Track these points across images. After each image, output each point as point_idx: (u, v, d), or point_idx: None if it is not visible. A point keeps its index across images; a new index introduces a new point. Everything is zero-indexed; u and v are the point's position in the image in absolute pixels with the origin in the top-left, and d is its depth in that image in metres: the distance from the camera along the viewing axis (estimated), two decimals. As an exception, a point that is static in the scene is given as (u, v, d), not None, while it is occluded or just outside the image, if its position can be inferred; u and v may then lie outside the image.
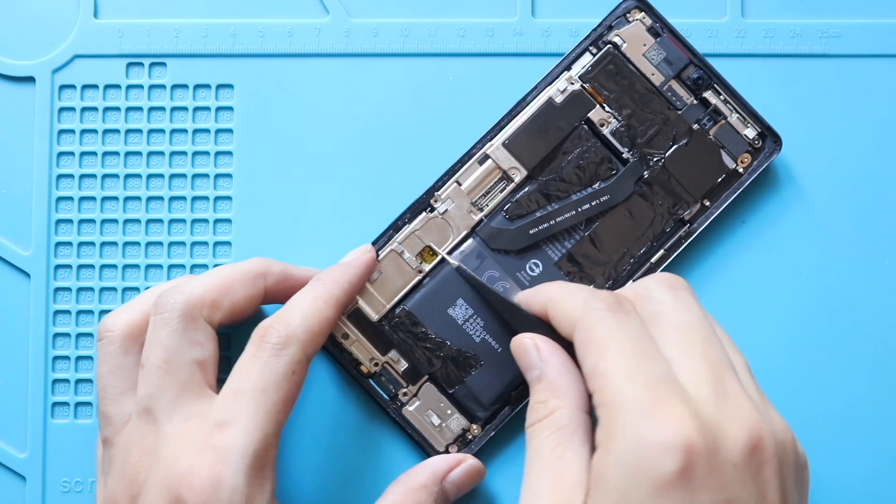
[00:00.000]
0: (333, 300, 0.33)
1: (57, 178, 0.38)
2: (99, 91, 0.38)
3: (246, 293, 0.33)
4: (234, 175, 0.38)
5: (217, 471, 0.29)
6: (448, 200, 0.37)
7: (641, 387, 0.27)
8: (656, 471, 0.26)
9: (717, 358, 0.28)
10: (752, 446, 0.27)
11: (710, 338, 0.29)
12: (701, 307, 0.30)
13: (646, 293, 0.30)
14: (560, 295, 0.31)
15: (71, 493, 0.37)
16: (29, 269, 0.38)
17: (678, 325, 0.29)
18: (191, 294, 0.33)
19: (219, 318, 0.33)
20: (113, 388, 0.33)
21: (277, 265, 0.35)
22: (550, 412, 0.29)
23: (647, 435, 0.26)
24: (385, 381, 0.37)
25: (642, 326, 0.29)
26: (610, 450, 0.27)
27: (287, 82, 0.38)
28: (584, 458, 0.28)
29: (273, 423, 0.31)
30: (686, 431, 0.26)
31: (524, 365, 0.31)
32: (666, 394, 0.27)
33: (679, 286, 0.31)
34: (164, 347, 0.32)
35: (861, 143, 0.38)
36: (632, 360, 0.28)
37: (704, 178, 0.37)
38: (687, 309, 0.30)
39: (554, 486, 0.28)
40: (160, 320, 0.32)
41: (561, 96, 0.37)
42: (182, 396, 0.31)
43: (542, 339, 0.31)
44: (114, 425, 0.32)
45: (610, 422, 0.27)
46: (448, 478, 0.34)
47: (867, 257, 0.38)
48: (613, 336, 0.29)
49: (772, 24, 0.39)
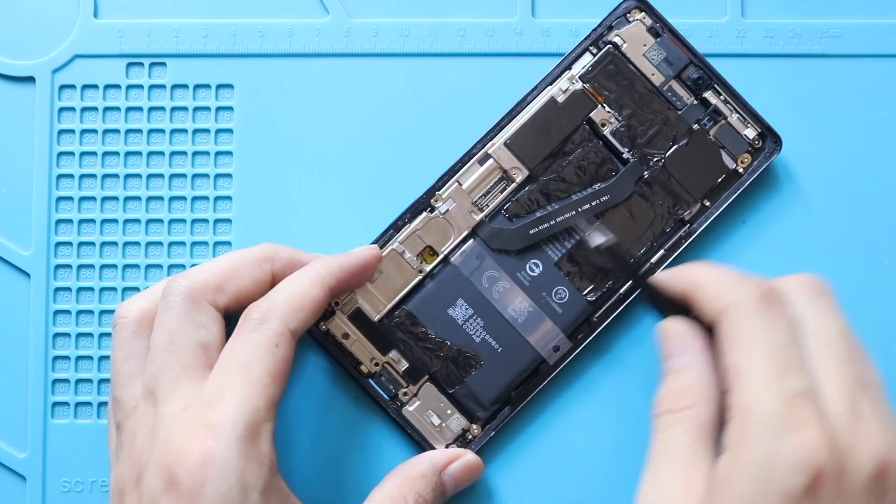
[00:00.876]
0: (320, 279, 0.33)
1: (57, 178, 0.38)
2: (99, 91, 0.38)
3: (252, 277, 0.34)
4: (234, 175, 0.38)
5: (208, 447, 0.29)
6: (449, 200, 0.37)
7: (780, 399, 0.27)
8: (784, 486, 0.27)
9: (855, 376, 0.29)
10: (880, 472, 0.27)
11: (849, 353, 0.29)
12: (842, 318, 0.30)
13: (789, 294, 0.30)
14: (707, 279, 0.31)
15: (71, 493, 0.37)
16: (29, 269, 0.38)
17: (819, 336, 0.29)
18: (195, 278, 0.33)
19: (224, 301, 0.33)
20: (125, 372, 0.33)
21: (286, 250, 0.35)
22: (689, 406, 0.30)
23: (779, 450, 0.27)
24: (385, 381, 0.37)
25: (789, 329, 0.29)
26: (741, 457, 0.27)
27: (287, 82, 0.38)
28: (711, 459, 0.29)
29: (262, 397, 0.31)
30: (818, 452, 0.27)
31: (670, 351, 0.31)
32: (802, 411, 0.27)
33: (823, 292, 0.31)
34: (167, 329, 0.32)
35: (861, 143, 0.38)
36: (775, 368, 0.28)
37: (704, 179, 0.37)
38: (829, 319, 0.30)
39: (684, 486, 0.28)
40: (165, 304, 0.33)
41: (563, 96, 0.37)
42: (182, 377, 0.31)
43: (691, 328, 0.31)
44: (125, 409, 0.33)
45: (743, 428, 0.28)
46: (447, 471, 0.35)
47: (867, 257, 0.38)
48: (760, 337, 0.29)
49: (772, 24, 0.39)
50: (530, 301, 0.36)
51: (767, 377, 0.28)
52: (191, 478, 0.29)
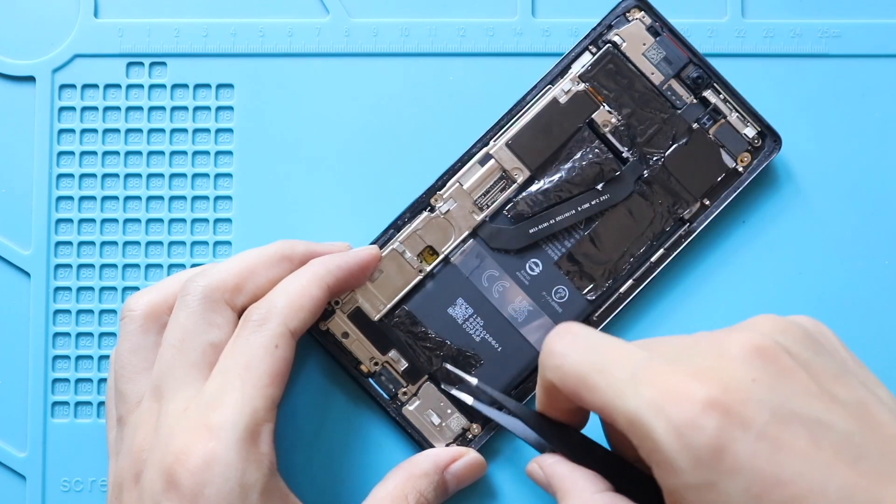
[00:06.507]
0: (319, 279, 0.33)
1: (57, 177, 0.38)
2: (99, 90, 0.38)
3: (269, 276, 0.34)
4: (234, 175, 0.38)
5: (209, 449, 0.29)
6: (450, 200, 0.37)
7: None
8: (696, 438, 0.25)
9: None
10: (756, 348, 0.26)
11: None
12: None
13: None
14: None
15: (71, 493, 0.37)
16: (29, 268, 0.38)
17: None
18: (214, 278, 0.33)
19: (242, 301, 0.33)
20: (131, 366, 0.33)
21: (301, 245, 0.35)
22: None
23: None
24: (385, 381, 0.37)
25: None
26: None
27: (287, 82, 0.38)
28: None
29: (262, 398, 0.31)
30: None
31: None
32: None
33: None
34: (181, 328, 0.32)
35: (861, 143, 0.38)
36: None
37: (704, 178, 0.37)
38: None
39: None
40: (182, 303, 0.33)
41: (565, 97, 0.37)
42: (189, 376, 0.31)
43: (541, 457, 0.32)
44: (128, 404, 0.33)
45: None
46: (449, 469, 0.35)
47: (867, 257, 0.38)
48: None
49: (772, 24, 0.39)
50: (530, 300, 0.36)
51: None
52: (192, 479, 0.29)
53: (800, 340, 0.27)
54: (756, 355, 0.26)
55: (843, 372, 0.27)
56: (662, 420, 0.25)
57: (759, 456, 0.24)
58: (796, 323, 0.28)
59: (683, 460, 0.25)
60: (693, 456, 0.25)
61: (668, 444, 0.25)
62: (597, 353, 0.28)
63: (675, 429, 0.25)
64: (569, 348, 0.29)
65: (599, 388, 0.27)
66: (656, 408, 0.25)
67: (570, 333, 0.29)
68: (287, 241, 0.35)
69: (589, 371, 0.28)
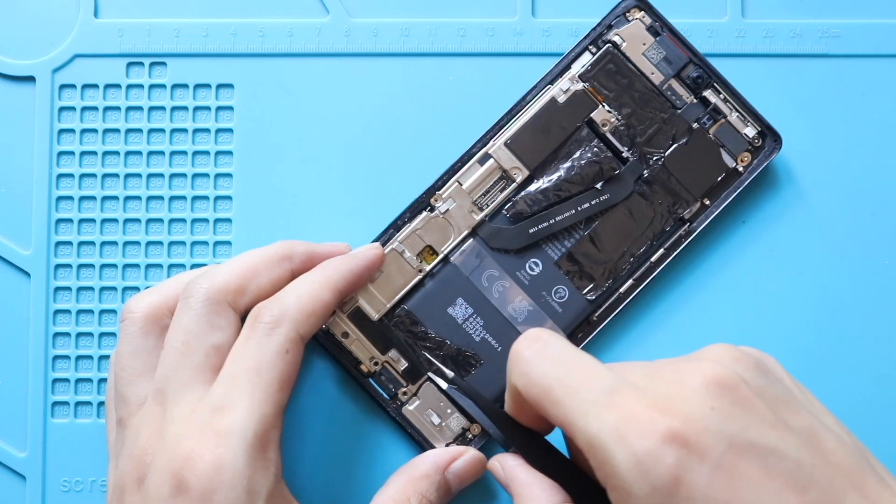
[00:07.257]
0: (330, 284, 0.33)
1: (57, 177, 0.38)
2: (99, 90, 0.38)
3: (271, 277, 0.34)
4: (234, 175, 0.38)
5: (218, 454, 0.29)
6: (449, 200, 0.37)
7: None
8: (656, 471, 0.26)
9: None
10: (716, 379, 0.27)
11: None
12: None
13: None
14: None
15: (71, 493, 0.37)
16: (29, 268, 0.38)
17: None
18: (216, 279, 0.33)
19: (245, 303, 0.33)
20: (131, 368, 0.33)
21: (301, 246, 0.35)
22: None
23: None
24: (385, 381, 0.36)
25: None
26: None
27: (287, 82, 0.38)
28: None
29: (271, 404, 0.31)
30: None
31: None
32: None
33: None
34: (184, 330, 0.32)
35: (861, 143, 0.38)
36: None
37: (704, 177, 0.37)
38: None
39: None
40: (186, 305, 0.32)
41: (563, 96, 0.37)
42: (193, 379, 0.31)
43: (504, 456, 0.32)
44: (129, 406, 0.33)
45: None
46: (450, 468, 0.35)
47: (867, 257, 0.38)
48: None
49: (772, 24, 0.39)
50: (530, 300, 0.36)
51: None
52: (200, 485, 0.29)
53: (752, 369, 0.28)
54: (715, 385, 0.27)
55: (792, 400, 0.28)
56: (623, 448, 0.26)
57: (715, 485, 0.25)
58: (746, 353, 0.29)
59: (641, 488, 0.26)
60: (650, 485, 0.25)
61: (627, 471, 0.26)
62: (564, 367, 0.29)
63: (635, 458, 0.26)
64: (537, 357, 0.29)
65: (563, 404, 0.28)
66: (618, 435, 0.26)
67: (540, 341, 0.30)
68: (287, 241, 0.35)
69: (553, 384, 0.28)
